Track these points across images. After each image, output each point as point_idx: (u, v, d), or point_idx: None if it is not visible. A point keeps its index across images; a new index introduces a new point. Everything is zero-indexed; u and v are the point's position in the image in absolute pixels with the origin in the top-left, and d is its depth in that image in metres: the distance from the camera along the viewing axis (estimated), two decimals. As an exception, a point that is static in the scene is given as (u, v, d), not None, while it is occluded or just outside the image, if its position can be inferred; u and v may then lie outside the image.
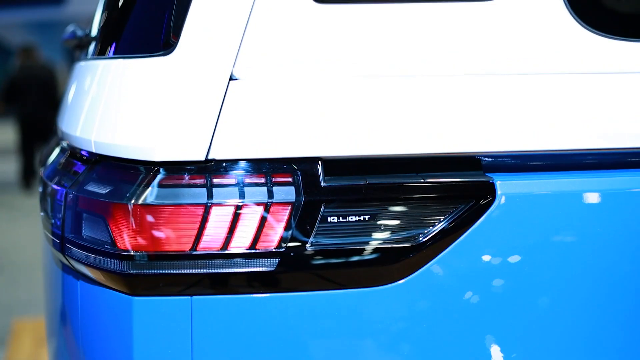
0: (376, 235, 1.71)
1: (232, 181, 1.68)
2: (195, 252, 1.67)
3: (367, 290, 1.72)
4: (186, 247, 1.67)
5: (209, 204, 1.67)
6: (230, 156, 1.68)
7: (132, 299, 1.70)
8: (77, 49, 2.97)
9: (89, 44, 2.37)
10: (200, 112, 1.67)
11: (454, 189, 1.73)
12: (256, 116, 1.68)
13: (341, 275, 1.71)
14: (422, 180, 1.72)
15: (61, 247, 1.84)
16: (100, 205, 1.73)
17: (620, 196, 1.78)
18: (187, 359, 1.70)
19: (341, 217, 1.70)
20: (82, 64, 2.23)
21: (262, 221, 1.68)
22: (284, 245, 1.68)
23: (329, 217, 1.69)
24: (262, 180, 1.69)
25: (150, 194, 1.67)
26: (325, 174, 1.70)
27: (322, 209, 1.69)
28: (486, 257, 1.74)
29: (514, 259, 1.74)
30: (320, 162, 1.70)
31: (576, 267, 1.76)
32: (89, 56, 2.23)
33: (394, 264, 1.71)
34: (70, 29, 3.03)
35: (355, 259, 1.70)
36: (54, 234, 1.90)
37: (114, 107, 1.78)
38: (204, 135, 1.67)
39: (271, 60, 1.70)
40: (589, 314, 1.78)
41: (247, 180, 1.68)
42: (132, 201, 1.67)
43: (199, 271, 1.68)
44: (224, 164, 1.69)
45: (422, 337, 1.74)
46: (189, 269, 1.67)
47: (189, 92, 1.68)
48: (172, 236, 1.67)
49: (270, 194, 1.68)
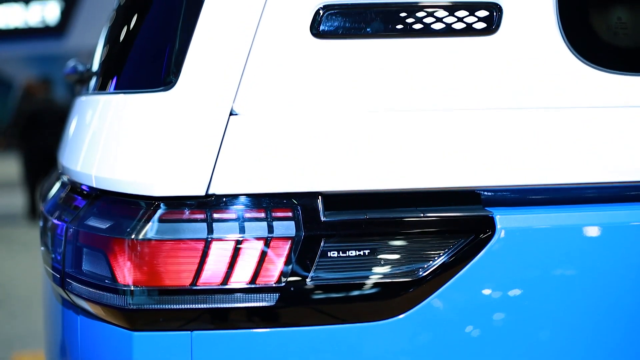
0: (376, 269, 1.71)
1: (233, 216, 1.68)
2: (195, 287, 1.67)
3: (367, 325, 1.72)
4: (186, 282, 1.67)
5: (209, 239, 1.67)
6: (230, 191, 1.69)
7: (132, 334, 1.70)
8: (78, 84, 2.98)
9: (90, 78, 2.38)
10: (200, 147, 1.68)
11: (454, 224, 1.73)
12: (256, 151, 1.69)
13: (341, 310, 1.71)
14: (422, 214, 1.73)
15: (61, 282, 1.84)
16: (100, 240, 1.73)
17: (620, 230, 1.78)
18: None
19: (341, 252, 1.70)
20: (83, 98, 2.24)
21: (262, 256, 1.68)
22: (284, 280, 1.68)
23: (329, 252, 1.69)
24: (262, 215, 1.69)
25: (150, 229, 1.67)
26: (325, 208, 1.71)
27: (322, 243, 1.69)
28: (486, 291, 1.74)
29: (515, 292, 1.74)
30: (320, 197, 1.71)
31: (577, 300, 1.76)
32: (90, 91, 2.24)
33: (395, 299, 1.71)
34: (71, 63, 3.04)
35: (355, 293, 1.70)
36: (54, 268, 1.90)
37: (115, 142, 1.79)
38: (204, 170, 1.67)
39: (271, 95, 1.71)
40: (589, 347, 1.78)
41: (247, 215, 1.69)
42: (133, 236, 1.67)
43: (199, 306, 1.68)
44: (224, 199, 1.69)
45: (423, 371, 1.74)
46: (189, 304, 1.67)
47: (190, 127, 1.69)
48: (172, 271, 1.67)
49: (270, 229, 1.68)
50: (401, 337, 1.72)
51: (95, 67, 2.39)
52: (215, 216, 1.68)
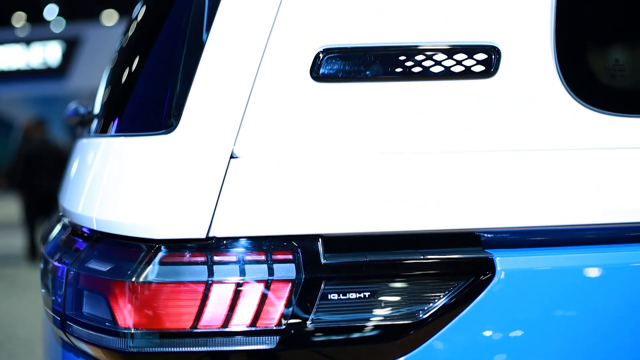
0: (377, 312, 1.71)
1: (233, 259, 1.69)
2: (196, 330, 1.67)
3: None
4: (187, 324, 1.67)
5: (210, 282, 1.67)
6: (230, 234, 1.69)
7: (132, 377, 1.69)
8: (79, 126, 2.99)
9: (91, 121, 2.40)
10: (201, 190, 1.68)
11: (454, 266, 1.73)
12: (256, 194, 1.69)
13: (342, 352, 1.71)
14: (422, 256, 1.73)
15: (62, 324, 1.84)
16: (101, 282, 1.73)
17: (620, 271, 1.78)
18: None
19: (342, 294, 1.70)
20: (84, 141, 2.25)
21: (263, 299, 1.68)
22: (284, 322, 1.68)
23: (329, 294, 1.69)
24: (263, 257, 1.69)
25: (151, 272, 1.67)
26: (325, 250, 1.71)
27: (322, 286, 1.69)
28: (487, 333, 1.73)
29: (515, 334, 1.74)
30: (320, 239, 1.71)
31: (578, 342, 1.76)
32: (91, 133, 2.25)
33: (395, 341, 1.71)
34: (72, 106, 3.05)
35: (356, 336, 1.70)
36: (54, 310, 1.90)
37: (116, 184, 1.79)
38: (204, 213, 1.68)
39: (271, 138, 1.72)
40: (591, 390, 1.77)
41: (248, 257, 1.69)
42: (133, 279, 1.67)
43: (200, 349, 1.67)
44: (224, 242, 1.69)
45: (424, 414, 1.73)
46: (190, 347, 1.67)
47: (190, 170, 1.69)
48: (173, 314, 1.66)
49: (270, 272, 1.68)
50: (402, 379, 1.72)
51: (96, 109, 2.41)
52: (215, 259, 1.68)
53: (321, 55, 1.73)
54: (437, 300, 1.73)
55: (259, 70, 1.72)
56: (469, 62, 1.76)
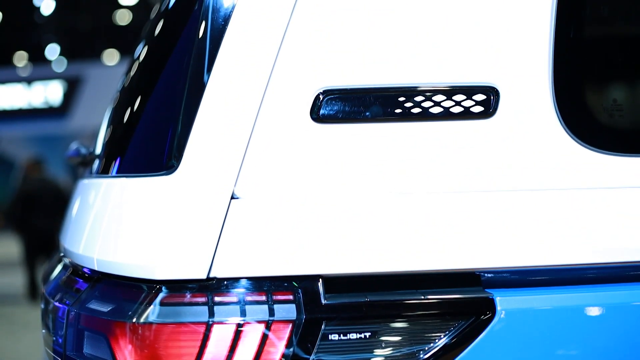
0: (378, 352, 1.71)
1: (234, 299, 1.69)
2: (196, 371, 1.67)
3: None
4: (188, 365, 1.67)
5: (211, 322, 1.67)
6: (231, 274, 1.69)
7: (133, 419, 1.69)
8: (80, 166, 3.00)
9: (93, 161, 2.40)
10: (201, 231, 1.69)
11: (454, 305, 1.73)
12: (257, 234, 1.70)
13: (343, 392, 1.70)
14: (423, 296, 1.73)
15: (62, 365, 1.84)
16: (102, 323, 1.73)
17: (621, 310, 1.78)
18: None
19: (342, 335, 1.70)
20: (86, 181, 2.26)
21: (264, 339, 1.67)
22: (285, 363, 1.68)
23: (330, 335, 1.69)
24: (264, 298, 1.69)
25: (152, 313, 1.67)
26: (326, 291, 1.71)
27: (323, 326, 1.69)
28: (488, 373, 1.73)
29: (516, 374, 1.74)
30: (320, 280, 1.71)
31: (579, 382, 1.76)
32: (93, 174, 2.26)
33: (396, 381, 1.71)
34: (74, 146, 3.06)
35: (356, 376, 1.70)
36: (55, 351, 1.90)
37: (117, 225, 1.80)
38: (205, 253, 1.68)
39: (272, 178, 1.73)
40: None
41: (249, 298, 1.69)
42: (134, 319, 1.67)
43: (201, 390, 1.67)
44: (225, 282, 1.70)
45: None
46: None
47: (191, 211, 1.70)
48: (173, 354, 1.66)
49: (271, 312, 1.68)
50: (403, 420, 1.71)
51: (98, 149, 2.41)
52: (216, 299, 1.68)
53: (321, 96, 1.75)
54: (437, 340, 1.72)
55: (260, 111, 1.73)
56: (468, 103, 1.77)
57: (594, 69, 1.96)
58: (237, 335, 1.67)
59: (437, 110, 1.77)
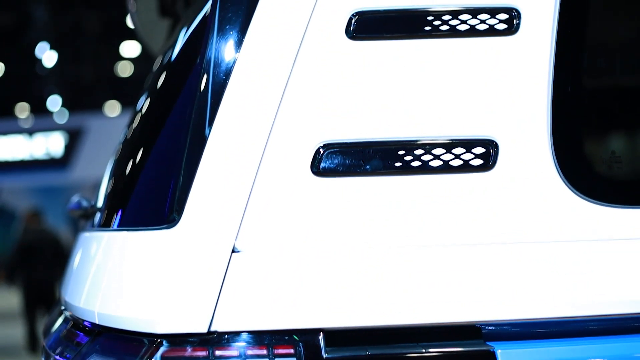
0: (379, 405, 1.70)
1: (235, 353, 1.68)
2: None
3: None
4: (188, 419, 1.66)
5: (212, 376, 1.66)
6: (232, 328, 1.69)
7: None
8: (82, 219, 3.01)
9: (94, 214, 2.41)
10: (202, 285, 1.69)
11: (456, 359, 1.73)
12: (258, 288, 1.70)
13: None
14: (424, 350, 1.72)
15: (63, 420, 1.83)
16: (102, 377, 1.73)
17: (623, 362, 1.78)
18: None
19: None
20: (87, 234, 2.26)
21: None
22: (286, 417, 1.67)
23: None
24: (264, 352, 1.69)
25: (153, 367, 1.67)
26: (326, 344, 1.71)
27: None
28: None
29: None
30: (321, 333, 1.71)
31: None
32: (94, 227, 2.26)
33: None
34: (75, 199, 3.07)
35: None
36: (55, 406, 1.89)
37: (118, 279, 1.80)
38: (206, 307, 1.68)
39: (272, 232, 1.73)
40: None
41: (249, 352, 1.68)
42: (135, 374, 1.67)
43: None
44: (226, 336, 1.69)
45: None
46: None
47: (192, 265, 1.70)
48: None
49: (272, 366, 1.68)
50: None
51: (99, 202, 2.42)
52: (217, 353, 1.68)
53: (322, 150, 1.76)
54: (439, 393, 1.72)
55: (261, 165, 1.74)
56: (468, 156, 1.79)
57: (592, 122, 1.97)
58: None
59: (436, 163, 1.78)
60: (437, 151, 1.78)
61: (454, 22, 1.83)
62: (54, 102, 28.92)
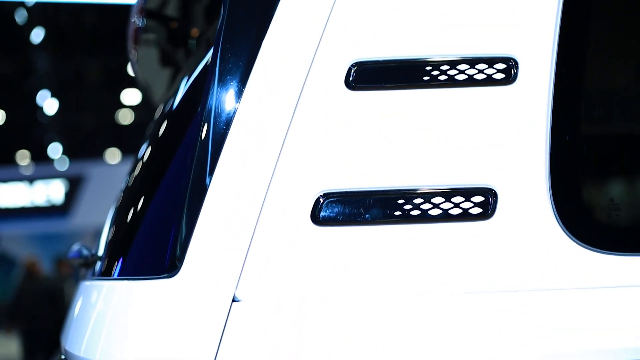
0: None
1: None
2: None
3: None
4: None
5: None
6: None
7: None
8: (82, 268, 3.01)
9: (95, 263, 2.41)
10: (203, 334, 1.69)
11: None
12: (258, 337, 1.70)
13: None
14: None
15: None
16: None
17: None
18: None
19: None
20: (88, 283, 2.26)
21: None
22: None
23: None
24: (265, 402, 1.68)
25: (152, 417, 1.66)
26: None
27: None
28: None
29: None
30: (322, 383, 1.71)
31: None
32: (95, 276, 2.26)
33: None
34: (75, 247, 3.07)
35: None
36: None
37: (118, 328, 1.80)
38: (206, 356, 1.68)
39: (273, 281, 1.73)
40: None
41: None
42: None
43: None
44: (226, 386, 1.69)
45: None
46: None
47: (193, 314, 1.70)
48: None
49: (273, 414, 1.67)
50: None
51: (100, 251, 2.42)
52: (217, 401, 1.68)
53: (321, 199, 1.77)
54: None
55: (261, 214, 1.75)
56: (467, 205, 1.79)
57: (590, 170, 1.98)
58: None
59: (436, 212, 1.78)
60: (437, 200, 1.79)
61: (452, 72, 1.84)
62: (55, 150, 29.01)
